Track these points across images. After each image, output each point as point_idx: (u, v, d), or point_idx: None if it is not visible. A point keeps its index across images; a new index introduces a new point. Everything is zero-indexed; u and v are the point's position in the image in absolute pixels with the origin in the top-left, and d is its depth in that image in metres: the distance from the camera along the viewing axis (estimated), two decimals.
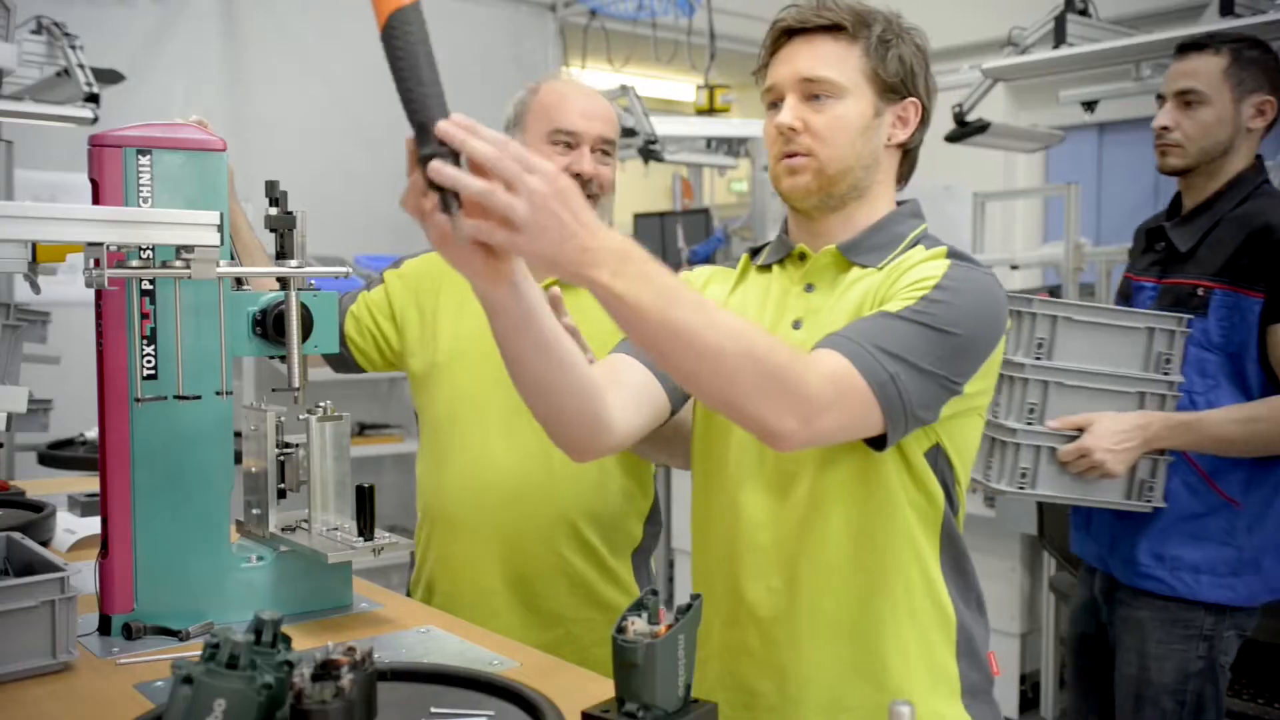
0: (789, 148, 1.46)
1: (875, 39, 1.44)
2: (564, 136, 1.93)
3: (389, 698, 1.26)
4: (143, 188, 1.58)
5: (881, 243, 1.48)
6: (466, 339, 1.95)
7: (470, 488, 1.94)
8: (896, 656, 1.45)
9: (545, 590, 1.94)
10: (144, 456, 1.61)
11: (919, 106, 1.48)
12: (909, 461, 1.44)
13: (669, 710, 1.23)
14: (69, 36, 3.62)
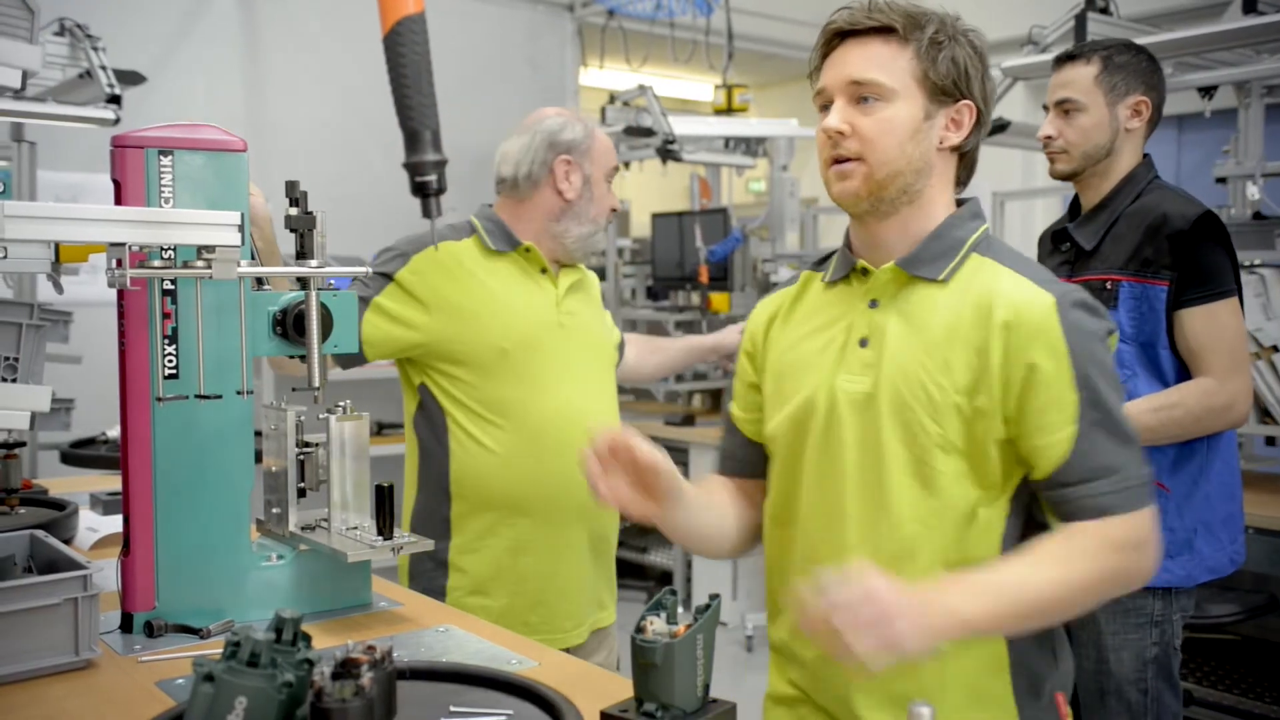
0: (837, 152, 1.44)
1: (927, 40, 1.41)
2: (614, 174, 2.30)
3: (408, 696, 1.27)
4: (164, 188, 1.58)
5: (940, 251, 1.45)
6: (525, 327, 2.15)
7: (566, 469, 2.07)
8: (934, 680, 1.43)
9: (608, 538, 2.26)
10: (165, 455, 1.62)
11: (973, 109, 1.44)
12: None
13: (687, 710, 1.24)
14: (91, 38, 3.64)
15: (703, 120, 5.49)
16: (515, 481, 2.12)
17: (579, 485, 1.98)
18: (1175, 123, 6.68)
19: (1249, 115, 3.85)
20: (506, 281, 2.17)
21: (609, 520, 2.24)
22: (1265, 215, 3.65)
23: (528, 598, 2.14)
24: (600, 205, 2.25)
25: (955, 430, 1.40)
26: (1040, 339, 1.36)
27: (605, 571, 2.27)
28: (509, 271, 2.19)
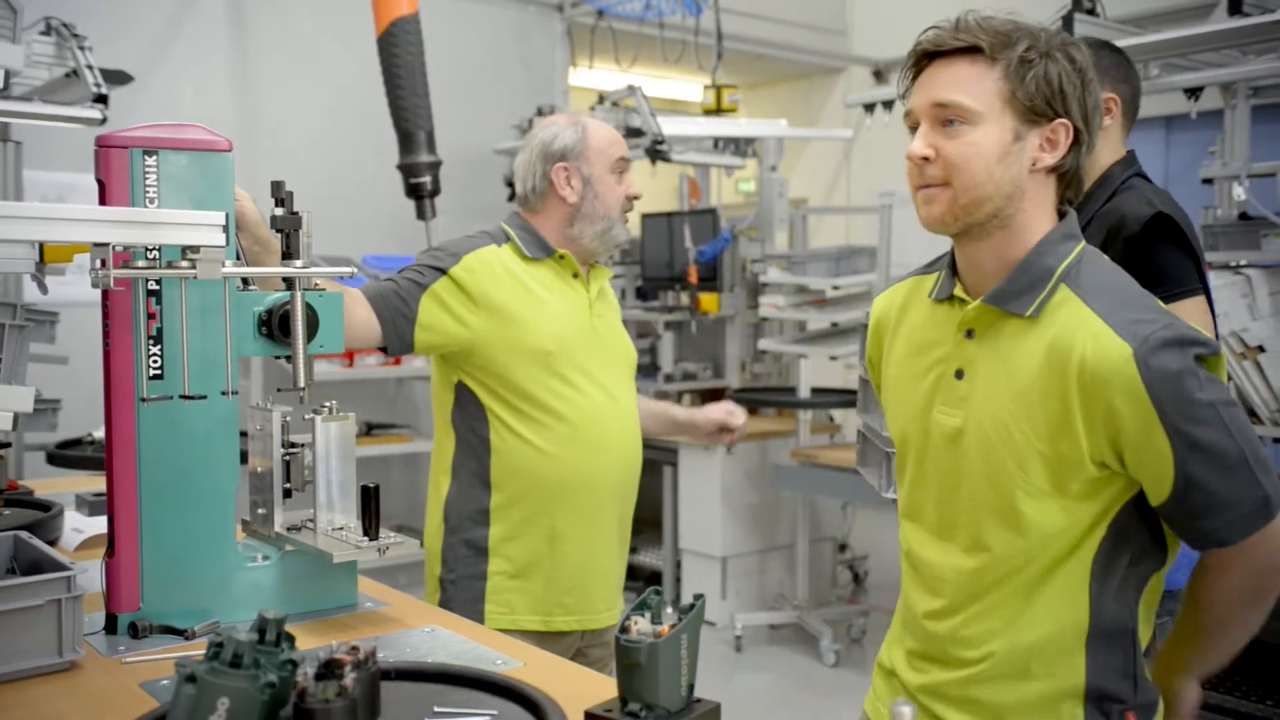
0: (922, 179, 1.41)
1: (1016, 59, 1.35)
2: (622, 165, 2.34)
3: (393, 697, 1.27)
4: (149, 188, 1.58)
5: (1028, 284, 1.40)
6: (566, 329, 2.27)
7: (602, 450, 2.28)
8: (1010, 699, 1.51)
9: (629, 523, 2.41)
10: (150, 456, 1.61)
11: (1070, 128, 1.38)
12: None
13: (671, 710, 1.24)
14: (78, 38, 3.63)
15: (692, 121, 5.50)
16: (555, 474, 2.24)
17: (612, 477, 2.31)
18: (1164, 123, 6.71)
19: (1235, 116, 3.86)
20: (546, 286, 2.29)
21: (632, 508, 2.39)
22: (1251, 216, 3.67)
23: (564, 582, 2.26)
24: (607, 200, 2.31)
25: (1039, 475, 1.39)
26: (1120, 392, 1.33)
27: (625, 558, 2.42)
28: (547, 276, 2.30)
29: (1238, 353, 3.44)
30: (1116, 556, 1.42)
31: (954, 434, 1.46)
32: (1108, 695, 1.43)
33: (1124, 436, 1.34)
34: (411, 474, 5.61)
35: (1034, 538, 1.41)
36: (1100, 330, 1.35)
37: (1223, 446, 1.33)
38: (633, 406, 2.38)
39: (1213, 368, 1.35)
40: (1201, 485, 1.34)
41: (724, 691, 1.52)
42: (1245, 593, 1.43)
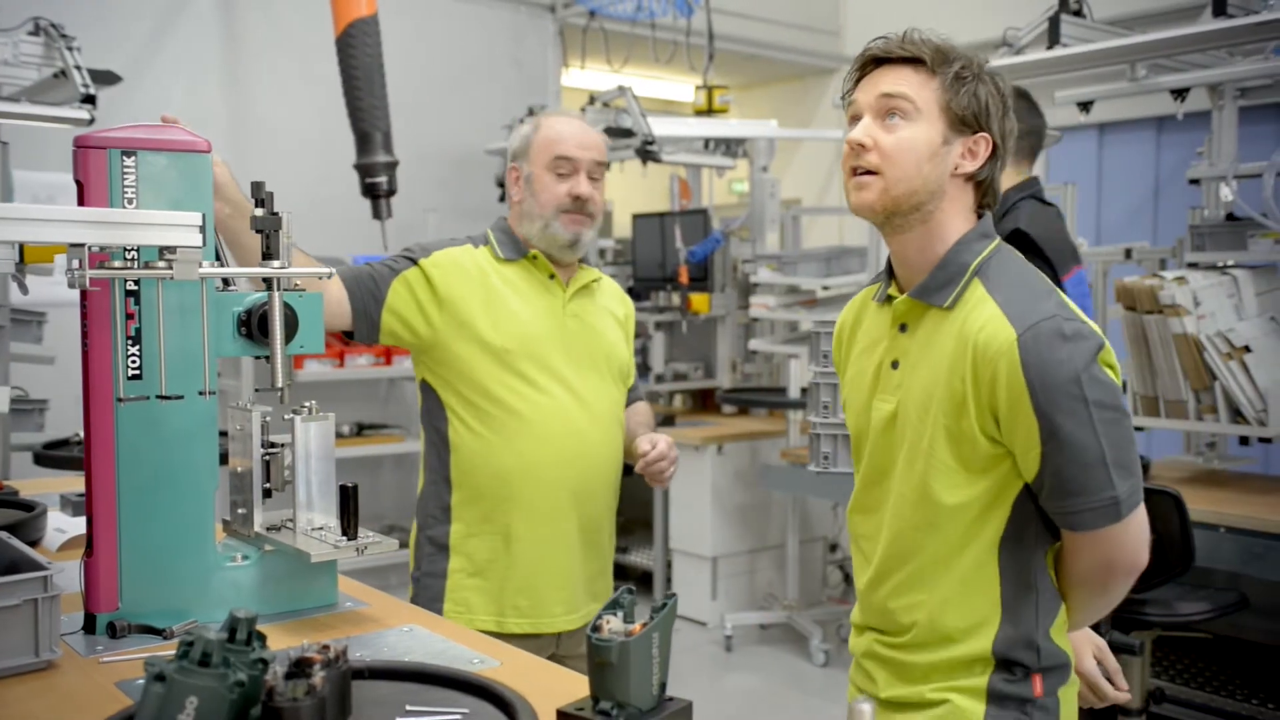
0: (857, 163, 1.54)
1: (953, 74, 1.51)
2: (564, 164, 2.28)
3: (366, 696, 1.27)
4: (127, 189, 1.58)
5: (946, 278, 1.54)
6: (531, 326, 2.27)
7: (561, 447, 2.25)
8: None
9: (600, 529, 2.34)
10: (129, 456, 1.62)
11: (989, 142, 1.54)
12: None
13: (643, 708, 1.24)
14: (66, 38, 3.63)
15: (682, 121, 5.51)
16: (508, 471, 2.23)
17: (570, 477, 2.26)
18: (1155, 125, 6.73)
19: (1222, 117, 3.88)
20: (515, 285, 2.29)
21: (601, 512, 2.33)
22: (1238, 216, 3.68)
23: (518, 583, 2.24)
24: (541, 198, 2.29)
25: (944, 450, 1.52)
26: (1002, 371, 1.45)
27: (600, 563, 2.36)
28: (519, 277, 2.31)
29: (1224, 353, 3.46)
30: (1022, 534, 1.53)
31: (889, 419, 1.60)
32: (1012, 661, 1.54)
33: (1000, 410, 1.47)
34: (402, 474, 5.61)
35: (941, 511, 1.53)
36: (995, 315, 1.48)
37: (1082, 441, 1.43)
38: (607, 408, 2.34)
39: (1107, 366, 1.47)
40: (1056, 470, 1.45)
41: (714, 691, 1.58)
42: (1088, 579, 1.55)
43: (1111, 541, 1.49)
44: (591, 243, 2.36)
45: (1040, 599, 1.54)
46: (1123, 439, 1.46)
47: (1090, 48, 3.33)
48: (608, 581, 2.40)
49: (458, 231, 2.48)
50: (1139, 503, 1.49)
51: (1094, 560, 1.52)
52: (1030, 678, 1.54)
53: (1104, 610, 1.60)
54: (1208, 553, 3.24)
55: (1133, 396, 3.67)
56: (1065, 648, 1.57)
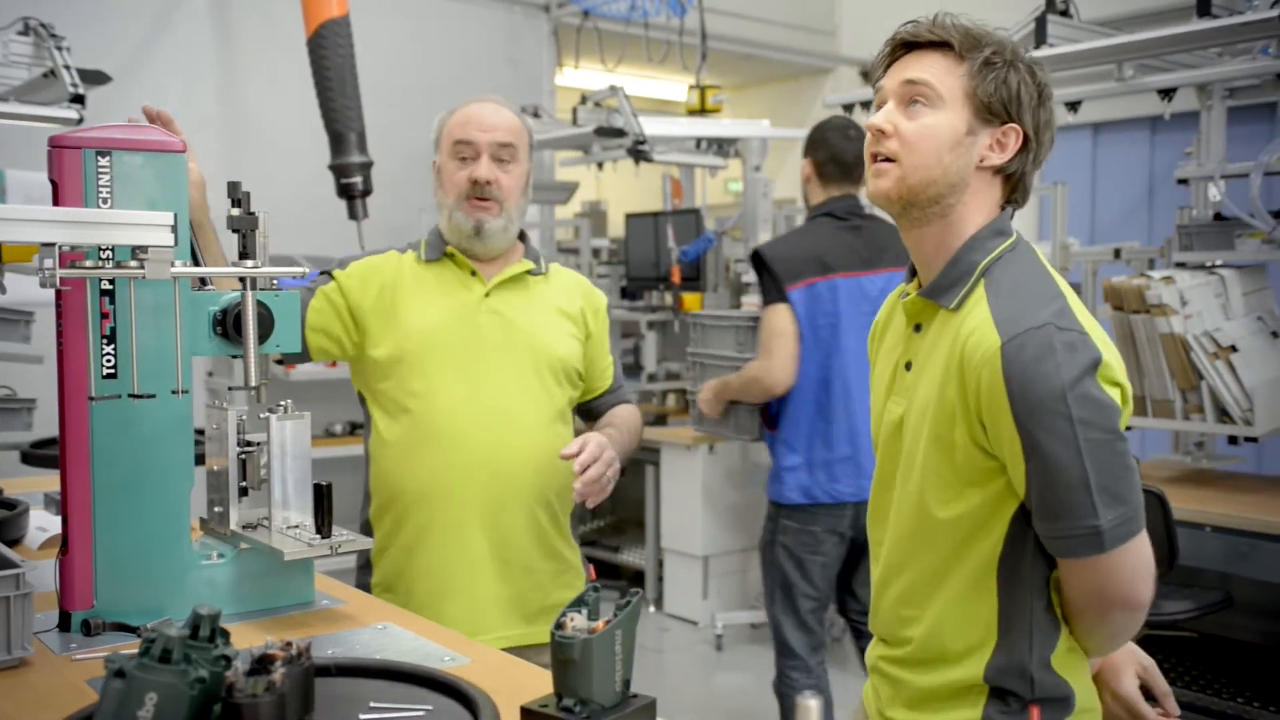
0: (876, 148, 1.48)
1: (981, 61, 1.43)
2: (463, 149, 2.18)
3: (332, 692, 1.28)
4: (102, 189, 1.59)
5: (956, 277, 1.47)
6: (435, 328, 2.15)
7: (458, 457, 2.12)
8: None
9: (520, 546, 2.16)
10: (103, 454, 1.63)
11: (1020, 134, 1.45)
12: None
13: (606, 705, 1.25)
14: (55, 38, 3.64)
15: (674, 121, 5.52)
16: (406, 476, 2.14)
17: (473, 485, 2.12)
18: (1149, 124, 6.74)
19: (1211, 117, 3.88)
20: (429, 286, 2.20)
21: (518, 528, 2.15)
22: (1226, 216, 3.69)
23: (420, 599, 2.10)
24: (445, 184, 2.20)
25: (938, 459, 1.45)
26: (986, 379, 1.38)
27: (529, 582, 2.16)
28: (438, 277, 2.21)
29: (1210, 352, 3.46)
30: (1019, 554, 1.45)
31: (897, 424, 1.54)
32: (1005, 690, 1.46)
33: (985, 421, 1.40)
34: None
35: (935, 524, 1.47)
36: (985, 320, 1.41)
37: (1063, 461, 1.34)
38: (528, 412, 2.16)
39: (1106, 385, 1.36)
40: (1037, 490, 1.38)
41: (704, 690, 1.59)
42: (1083, 610, 1.45)
43: (1100, 572, 1.39)
44: (504, 230, 2.18)
45: (1035, 626, 1.45)
46: (1113, 463, 1.35)
47: (1076, 48, 3.34)
48: (547, 602, 2.19)
49: None
50: (1132, 534, 1.37)
51: (1085, 590, 1.42)
52: (1027, 709, 1.44)
53: (1113, 643, 1.50)
54: (1194, 552, 3.25)
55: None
56: (1070, 679, 1.47)
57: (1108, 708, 1.56)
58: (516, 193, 2.20)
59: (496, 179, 2.16)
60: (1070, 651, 1.47)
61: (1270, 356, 3.55)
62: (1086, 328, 1.39)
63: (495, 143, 2.17)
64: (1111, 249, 4.39)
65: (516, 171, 2.19)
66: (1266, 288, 3.81)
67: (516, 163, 2.20)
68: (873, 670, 1.63)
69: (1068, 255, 4.34)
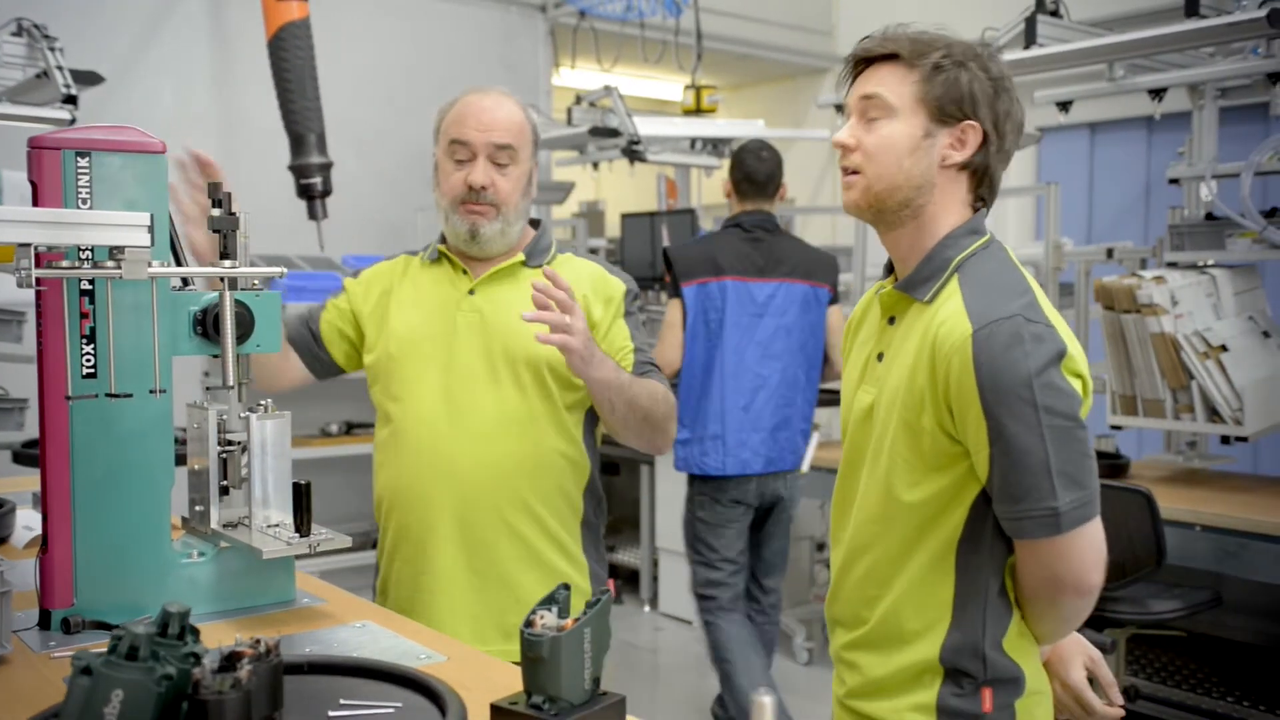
0: (842, 163, 1.56)
1: (930, 65, 1.49)
2: (459, 149, 2.08)
3: (303, 690, 1.29)
4: (81, 189, 1.60)
5: (930, 272, 1.53)
6: (417, 330, 2.12)
7: (425, 463, 2.08)
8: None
9: (496, 558, 2.07)
10: (83, 454, 1.63)
11: (978, 129, 1.51)
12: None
13: (574, 702, 1.26)
14: (49, 39, 3.65)
15: (668, 121, 5.52)
16: (386, 481, 2.14)
17: (443, 498, 2.05)
18: (1146, 124, 6.74)
19: (1202, 117, 3.89)
20: (420, 287, 2.17)
21: (494, 539, 2.06)
22: (1217, 216, 3.69)
23: (396, 604, 2.09)
24: (442, 185, 2.12)
25: (905, 444, 1.52)
26: (956, 366, 1.44)
27: (492, 600, 2.06)
28: (432, 278, 2.17)
29: (1200, 352, 3.47)
30: (978, 538, 1.51)
31: (867, 411, 1.60)
32: (960, 671, 1.51)
33: (953, 406, 1.46)
34: None
35: (899, 507, 1.53)
36: (957, 310, 1.47)
37: (1026, 445, 1.41)
38: (499, 419, 2.06)
39: (1070, 375, 1.43)
40: (1002, 473, 1.44)
41: (698, 689, 1.62)
42: (1036, 593, 1.50)
43: (1055, 555, 1.45)
44: (501, 234, 2.10)
45: (989, 607, 1.50)
46: (1073, 449, 1.42)
47: (1065, 48, 3.35)
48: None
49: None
50: (1087, 519, 1.44)
51: (1038, 573, 1.48)
52: (979, 691, 1.50)
53: (1064, 628, 1.55)
54: (1184, 551, 3.25)
55: (1110, 396, 3.69)
56: (1021, 661, 1.52)
57: (1056, 697, 1.62)
58: (515, 195, 2.10)
59: (493, 183, 2.07)
60: (1021, 635, 1.53)
61: (1261, 356, 3.56)
62: (1053, 321, 1.45)
63: (493, 144, 2.07)
64: (1104, 249, 4.40)
65: (516, 173, 2.10)
66: (1258, 287, 3.81)
67: (516, 164, 2.10)
68: (836, 660, 1.68)
69: (1060, 255, 4.35)
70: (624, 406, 2.03)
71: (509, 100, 2.14)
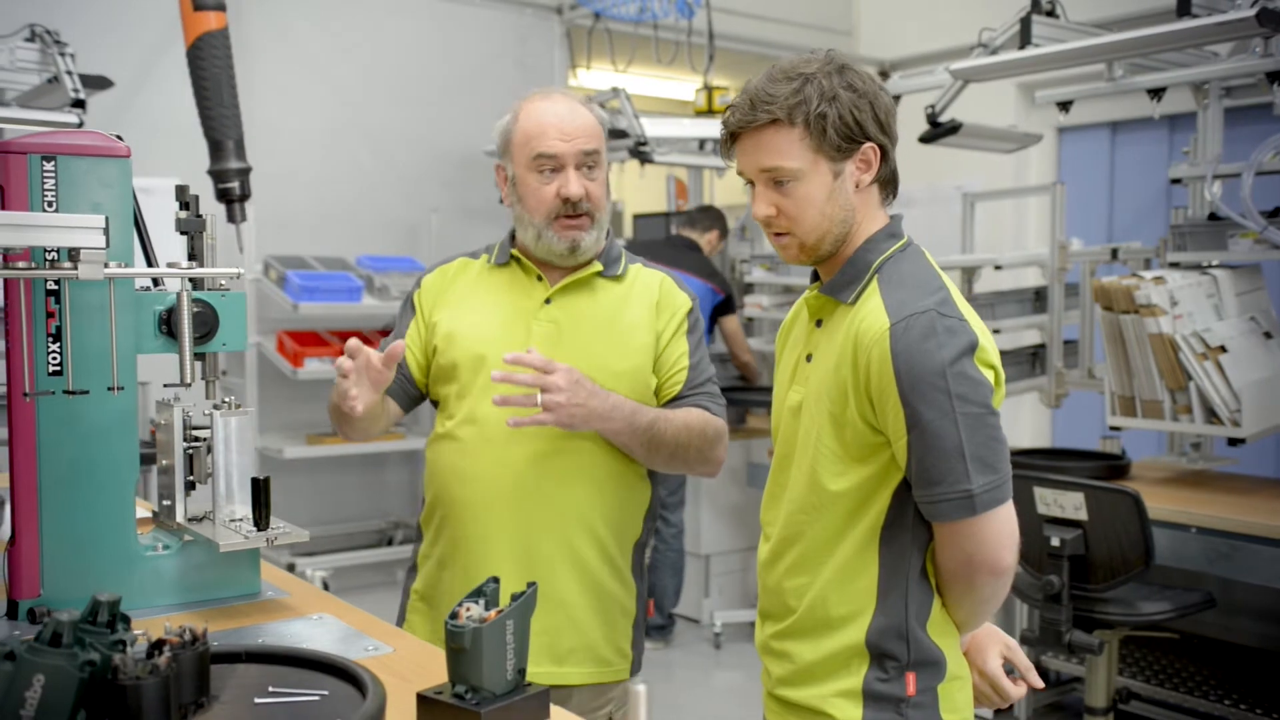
0: (769, 230, 1.62)
1: (812, 117, 1.52)
2: (546, 161, 1.99)
3: (237, 678, 1.33)
4: (48, 192, 1.65)
5: (853, 276, 1.60)
6: (491, 339, 2.03)
7: (490, 477, 2.00)
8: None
9: (550, 575, 1.98)
10: (49, 449, 1.69)
11: (875, 147, 1.57)
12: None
13: (496, 692, 1.29)
14: (60, 44, 3.73)
15: (677, 122, 5.53)
16: (447, 484, 2.04)
17: (502, 506, 1.97)
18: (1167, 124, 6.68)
19: (1207, 116, 3.85)
20: (492, 292, 2.09)
21: (553, 565, 1.99)
22: (1219, 216, 3.66)
23: (443, 615, 1.84)
24: (529, 203, 2.01)
25: (830, 437, 1.59)
26: (875, 359, 1.51)
27: (548, 621, 1.95)
28: (501, 282, 2.10)
29: (1198, 353, 3.44)
30: (900, 524, 1.57)
31: (797, 407, 1.66)
32: (885, 654, 1.57)
33: (874, 397, 1.53)
34: (407, 471, 5.68)
35: (826, 496, 1.59)
36: (877, 307, 1.55)
37: (941, 431, 1.48)
38: (565, 439, 1.97)
39: (982, 366, 1.50)
40: (919, 459, 1.51)
41: (703, 688, 1.69)
42: (954, 575, 1.57)
43: (970, 536, 1.52)
44: (596, 242, 2.04)
45: (911, 590, 1.58)
46: (986, 436, 1.50)
47: (1062, 47, 3.34)
48: (583, 640, 2.00)
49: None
50: (999, 501, 1.51)
51: (956, 555, 1.55)
52: (903, 675, 1.57)
53: (981, 612, 1.61)
54: (1177, 553, 3.24)
55: (1109, 396, 3.67)
56: (942, 645, 1.59)
57: (975, 686, 1.68)
58: (605, 200, 2.05)
59: (588, 192, 2.00)
60: (944, 620, 1.60)
61: (1261, 357, 3.53)
62: (966, 316, 1.52)
63: (580, 151, 1.99)
64: (1109, 249, 4.37)
65: (602, 176, 2.04)
66: (1262, 288, 3.78)
67: (599, 167, 2.03)
68: (763, 651, 1.73)
69: (1065, 255, 4.32)
70: (642, 450, 1.98)
71: (578, 102, 2.06)
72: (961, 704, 1.61)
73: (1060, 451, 4.25)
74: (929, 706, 1.57)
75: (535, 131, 2.00)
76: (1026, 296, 4.59)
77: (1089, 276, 4.49)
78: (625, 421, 1.93)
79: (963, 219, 4.85)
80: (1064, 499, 3.07)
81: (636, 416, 1.95)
